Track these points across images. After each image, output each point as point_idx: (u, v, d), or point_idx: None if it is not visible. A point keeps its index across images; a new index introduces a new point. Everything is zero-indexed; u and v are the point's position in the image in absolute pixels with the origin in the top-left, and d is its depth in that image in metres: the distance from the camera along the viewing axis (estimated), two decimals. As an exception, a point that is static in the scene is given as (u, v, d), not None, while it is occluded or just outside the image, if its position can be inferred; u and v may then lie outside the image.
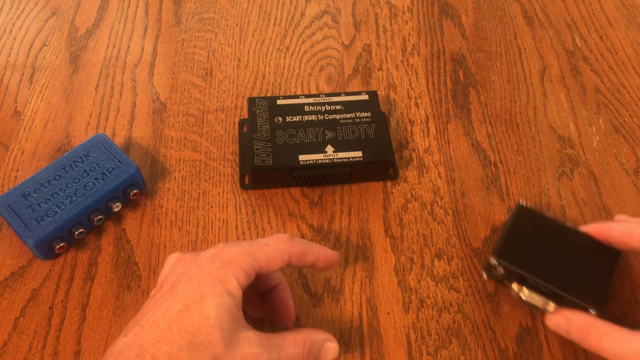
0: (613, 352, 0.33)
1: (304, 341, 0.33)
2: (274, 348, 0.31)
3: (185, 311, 0.30)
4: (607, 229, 0.38)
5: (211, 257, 0.32)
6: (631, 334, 0.33)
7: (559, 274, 0.36)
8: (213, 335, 0.29)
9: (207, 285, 0.31)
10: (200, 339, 0.29)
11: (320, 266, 0.36)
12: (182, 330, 0.29)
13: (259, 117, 0.45)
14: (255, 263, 0.33)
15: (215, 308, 0.30)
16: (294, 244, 0.35)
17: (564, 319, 0.36)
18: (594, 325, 0.34)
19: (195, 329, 0.30)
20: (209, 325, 0.30)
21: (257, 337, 0.31)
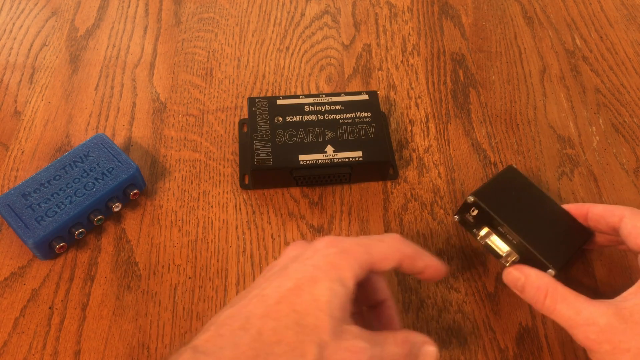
0: (567, 317, 0.33)
1: (404, 341, 0.31)
2: (377, 344, 0.30)
3: (296, 290, 0.29)
4: (587, 207, 0.38)
5: (327, 244, 0.31)
6: (588, 301, 0.32)
7: (529, 230, 0.37)
8: (321, 320, 0.28)
9: (322, 269, 0.30)
10: (307, 321, 0.28)
11: (428, 275, 0.34)
12: (290, 309, 0.28)
13: (259, 117, 0.45)
14: (370, 257, 0.31)
15: (327, 292, 0.29)
16: (407, 245, 0.33)
17: (523, 275, 0.35)
18: (552, 286, 0.34)
19: (303, 310, 0.28)
20: (318, 309, 0.28)
21: (362, 332, 0.30)
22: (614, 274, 0.41)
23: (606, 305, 0.32)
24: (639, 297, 0.32)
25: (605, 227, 0.37)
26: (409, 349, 0.31)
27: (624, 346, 0.31)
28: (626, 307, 0.32)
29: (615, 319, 0.31)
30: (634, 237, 0.35)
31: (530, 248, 0.36)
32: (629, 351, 0.31)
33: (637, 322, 0.31)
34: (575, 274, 0.41)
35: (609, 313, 0.31)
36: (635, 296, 0.32)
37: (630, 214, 0.35)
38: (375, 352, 0.29)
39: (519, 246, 0.37)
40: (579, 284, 0.41)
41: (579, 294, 0.33)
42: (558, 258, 0.36)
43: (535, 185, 0.40)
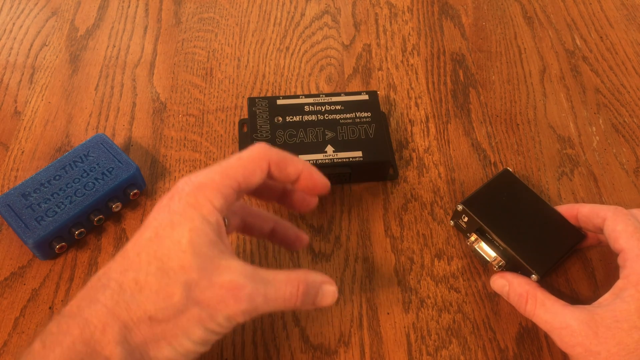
0: (545, 321, 0.34)
1: (299, 280, 0.30)
2: (261, 281, 0.28)
3: (155, 239, 0.28)
4: (576, 208, 0.39)
5: (181, 185, 0.30)
6: (565, 306, 0.34)
7: (516, 235, 0.38)
8: (185, 260, 0.27)
9: (178, 212, 0.29)
10: (170, 265, 0.27)
11: (305, 185, 0.33)
12: (150, 257, 0.28)
13: (259, 117, 0.45)
14: (231, 180, 0.30)
15: (188, 234, 0.28)
16: (271, 150, 0.32)
17: (507, 282, 0.37)
18: (532, 293, 0.36)
19: (165, 255, 0.28)
20: (181, 250, 0.28)
21: (242, 267, 0.28)
22: (614, 274, 0.41)
23: (580, 310, 0.33)
24: (612, 304, 0.33)
25: (593, 227, 0.38)
26: (305, 289, 0.30)
27: (595, 349, 0.32)
28: (599, 312, 0.33)
29: (587, 324, 0.32)
30: (613, 239, 0.35)
31: (514, 255, 0.38)
32: (599, 354, 0.32)
33: (608, 327, 0.32)
34: (575, 274, 0.41)
35: (582, 318, 0.33)
36: (609, 302, 0.33)
37: (612, 215, 0.36)
38: (258, 289, 0.28)
39: (506, 252, 0.38)
40: (578, 284, 0.41)
41: (557, 299, 0.35)
42: (543, 263, 0.37)
43: (529, 189, 0.41)
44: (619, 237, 0.35)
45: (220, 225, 0.29)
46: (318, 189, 0.34)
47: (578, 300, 0.40)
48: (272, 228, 0.36)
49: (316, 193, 0.34)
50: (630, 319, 0.32)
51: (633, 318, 0.32)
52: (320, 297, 0.31)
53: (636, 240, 0.34)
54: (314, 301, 0.31)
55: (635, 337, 0.31)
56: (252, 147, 0.32)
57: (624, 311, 0.32)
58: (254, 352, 0.38)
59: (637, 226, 0.35)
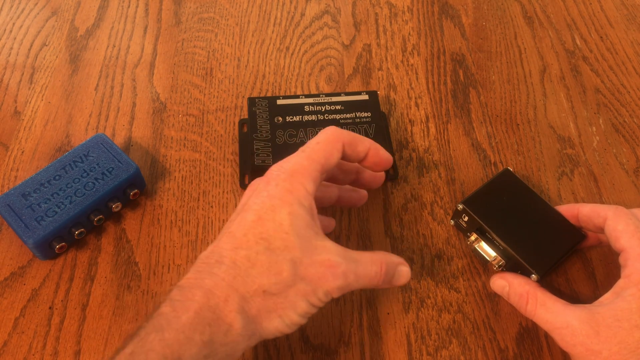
0: (545, 320, 0.35)
1: (381, 261, 0.33)
2: (352, 260, 0.31)
3: (259, 221, 0.31)
4: (577, 207, 0.39)
5: (275, 172, 0.33)
6: (565, 306, 0.34)
7: (516, 235, 0.38)
8: (289, 241, 0.30)
9: (277, 197, 0.31)
10: (276, 244, 0.30)
11: (373, 161, 0.36)
12: (257, 237, 0.30)
13: (259, 117, 0.45)
14: (317, 164, 0.33)
15: (288, 217, 0.31)
16: (343, 132, 0.35)
17: (507, 283, 0.38)
18: (533, 293, 0.36)
19: (270, 236, 0.30)
20: (283, 232, 0.30)
21: (335, 247, 0.31)
22: (614, 274, 0.41)
23: (581, 310, 0.33)
24: (613, 303, 0.33)
25: (594, 227, 0.38)
26: (386, 268, 0.33)
27: (596, 348, 0.32)
28: (600, 312, 0.33)
29: (588, 323, 0.33)
30: (614, 238, 0.35)
31: (514, 254, 0.38)
32: (600, 353, 0.32)
33: (609, 326, 0.32)
34: (575, 274, 0.41)
35: (583, 317, 0.33)
36: (610, 301, 0.33)
37: (613, 215, 0.36)
38: (350, 267, 0.31)
39: (506, 252, 0.38)
40: (578, 284, 0.41)
41: (557, 299, 0.35)
42: (543, 263, 0.37)
43: (530, 189, 0.41)
44: (620, 237, 0.35)
45: (313, 208, 0.32)
46: (383, 163, 0.37)
47: (578, 300, 0.40)
48: (338, 194, 0.39)
49: (382, 168, 0.37)
50: (631, 318, 0.32)
51: (634, 317, 0.32)
52: (397, 276, 0.34)
53: (637, 240, 0.34)
54: (392, 280, 0.34)
55: (636, 336, 0.31)
56: (325, 131, 0.35)
57: (625, 310, 0.32)
58: (254, 352, 0.38)
59: (638, 226, 0.35)
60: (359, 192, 0.40)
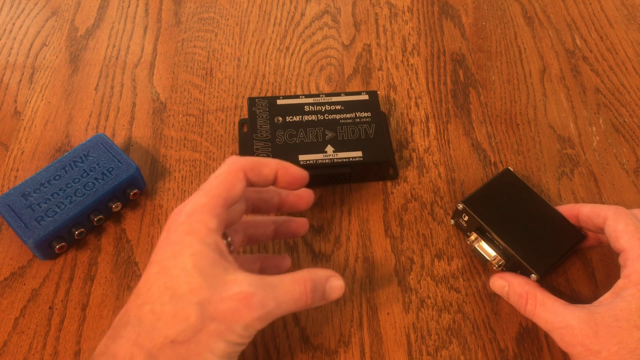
0: (545, 320, 0.35)
1: (305, 279, 0.31)
2: (268, 286, 0.30)
3: (162, 271, 0.30)
4: (577, 207, 0.39)
5: (174, 217, 0.31)
6: (565, 306, 0.34)
7: (516, 235, 0.38)
8: (193, 283, 0.29)
9: (177, 242, 0.30)
10: (181, 290, 0.29)
11: (285, 181, 0.34)
12: (162, 288, 0.29)
13: (259, 117, 0.45)
14: (217, 199, 0.31)
15: (191, 259, 0.29)
16: (243, 159, 0.33)
17: (507, 283, 0.38)
18: (532, 293, 0.36)
19: (174, 283, 0.29)
20: (187, 275, 0.29)
21: (248, 277, 0.30)
22: (614, 274, 0.41)
23: (581, 310, 0.33)
24: (612, 303, 0.33)
25: (594, 227, 0.38)
26: (312, 286, 0.31)
27: (595, 348, 0.32)
28: (599, 311, 0.33)
29: (588, 323, 0.33)
30: (614, 238, 0.35)
31: (514, 254, 0.38)
32: (599, 353, 0.32)
33: (608, 326, 0.32)
34: (575, 274, 0.41)
35: (582, 317, 0.33)
36: (610, 301, 0.33)
37: (613, 215, 0.36)
38: (267, 294, 0.29)
39: (506, 252, 0.38)
40: (578, 284, 0.41)
41: (557, 298, 0.35)
42: (542, 263, 0.37)
43: (530, 189, 0.41)
44: (620, 237, 0.35)
45: (219, 244, 0.31)
46: (298, 181, 0.35)
47: (578, 300, 0.40)
48: (274, 229, 0.38)
49: (298, 185, 0.35)
50: (630, 318, 0.32)
51: (634, 317, 0.32)
52: (328, 291, 0.32)
53: (637, 240, 0.34)
54: (323, 296, 0.32)
55: (635, 337, 0.31)
56: (224, 163, 0.33)
57: (625, 310, 0.32)
58: (254, 352, 0.38)
59: (638, 226, 0.35)
60: (297, 220, 0.38)
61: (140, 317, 0.29)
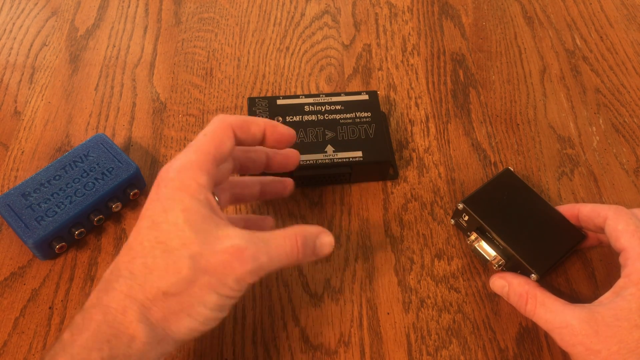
0: (545, 320, 0.35)
1: (295, 234, 0.31)
2: (260, 241, 0.30)
3: (153, 226, 0.30)
4: (577, 207, 0.39)
5: (163, 173, 0.31)
6: (565, 305, 0.34)
7: (516, 235, 0.38)
8: (185, 238, 0.29)
9: (167, 198, 0.30)
10: (173, 244, 0.29)
11: (274, 139, 0.35)
12: (153, 242, 0.29)
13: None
14: (207, 155, 0.31)
15: (182, 214, 0.29)
16: (231, 117, 0.33)
17: (507, 283, 0.38)
18: (532, 293, 0.36)
19: (166, 237, 0.29)
20: (179, 230, 0.29)
21: (240, 232, 0.30)
22: (614, 274, 0.41)
23: (581, 309, 0.33)
24: (613, 302, 0.33)
25: (594, 227, 0.38)
26: (303, 240, 0.32)
27: (595, 348, 0.32)
28: (599, 311, 0.33)
29: (588, 323, 0.33)
30: (614, 238, 0.35)
31: (514, 254, 0.38)
32: (600, 353, 0.32)
33: (608, 325, 0.32)
34: (575, 274, 0.41)
35: (582, 316, 0.33)
36: (610, 301, 0.33)
37: (614, 215, 0.36)
38: (260, 248, 0.30)
39: (506, 251, 0.38)
40: (578, 284, 0.41)
41: (557, 298, 0.35)
42: (542, 263, 0.37)
43: (530, 189, 0.41)
44: (620, 237, 0.35)
45: (210, 200, 0.31)
46: (286, 138, 0.35)
47: (578, 300, 0.40)
48: (259, 189, 0.39)
49: (286, 144, 0.36)
50: (630, 317, 0.32)
51: (634, 317, 0.32)
52: (319, 247, 0.33)
53: (637, 240, 0.34)
54: (314, 252, 0.33)
55: (635, 336, 0.31)
56: (213, 121, 0.33)
57: (625, 309, 0.32)
58: (254, 352, 0.38)
59: (638, 225, 0.35)
60: (283, 181, 0.39)
61: (132, 270, 0.29)
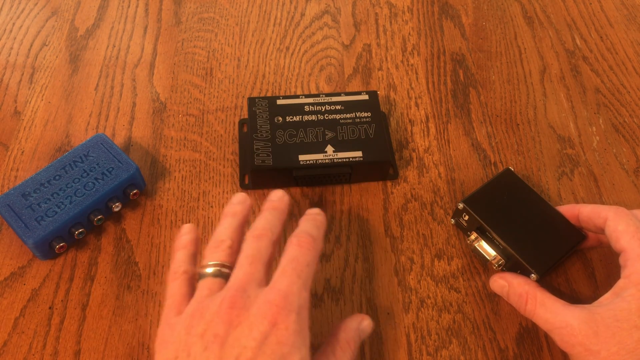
0: (545, 320, 0.35)
1: (348, 342, 0.33)
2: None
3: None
4: (577, 208, 0.39)
5: (280, 307, 0.29)
6: (565, 306, 0.34)
7: (516, 235, 0.38)
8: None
9: (287, 344, 0.28)
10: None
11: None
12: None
13: (259, 117, 0.45)
14: (310, 278, 0.31)
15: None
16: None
17: (507, 283, 0.38)
18: (532, 293, 0.36)
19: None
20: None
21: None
22: (614, 274, 0.41)
23: (580, 310, 0.33)
24: (612, 303, 0.33)
25: (594, 227, 0.38)
26: (354, 340, 0.33)
27: (595, 348, 0.32)
28: (599, 312, 0.33)
29: (587, 323, 0.33)
30: (614, 239, 0.35)
31: (514, 254, 0.38)
32: (599, 353, 0.32)
33: (608, 326, 0.32)
34: (575, 274, 0.41)
35: (582, 317, 0.33)
36: (610, 301, 0.33)
37: (614, 215, 0.36)
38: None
39: (505, 251, 0.38)
40: (578, 284, 0.41)
41: (557, 298, 0.35)
42: (542, 263, 0.37)
43: (531, 189, 0.41)
44: (621, 237, 0.35)
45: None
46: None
47: (578, 300, 0.40)
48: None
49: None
50: (630, 318, 0.32)
51: (633, 317, 0.32)
52: (362, 334, 0.34)
53: (637, 240, 0.34)
54: (361, 339, 0.34)
55: (635, 337, 0.31)
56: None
57: (625, 310, 0.32)
58: (254, 352, 0.38)
59: (638, 226, 0.35)
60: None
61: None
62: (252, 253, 0.32)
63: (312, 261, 0.32)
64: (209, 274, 0.32)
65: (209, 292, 0.31)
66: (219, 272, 0.32)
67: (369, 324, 0.35)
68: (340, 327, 0.33)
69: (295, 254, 0.31)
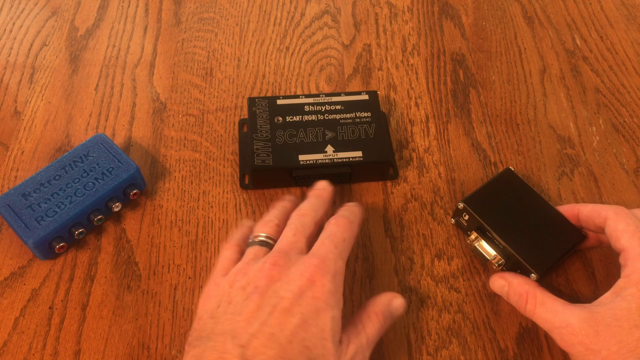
0: (545, 319, 0.35)
1: (376, 314, 0.34)
2: (363, 335, 0.32)
3: (304, 325, 0.30)
4: (577, 207, 0.39)
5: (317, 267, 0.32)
6: (565, 305, 0.34)
7: (516, 234, 0.38)
8: (327, 349, 0.30)
9: (322, 299, 0.31)
10: (316, 353, 0.30)
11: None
12: (301, 346, 0.30)
13: (259, 117, 0.45)
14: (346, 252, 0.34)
15: (330, 322, 0.31)
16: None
17: (506, 283, 0.38)
18: (532, 293, 0.36)
19: (312, 344, 0.30)
20: (324, 339, 0.30)
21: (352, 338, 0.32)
22: (614, 274, 0.41)
23: (581, 309, 0.33)
24: (612, 302, 0.33)
25: (594, 227, 0.38)
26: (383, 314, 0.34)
27: (595, 348, 0.32)
28: (599, 311, 0.33)
29: (588, 322, 0.33)
30: (614, 238, 0.35)
31: (514, 253, 0.38)
32: (599, 353, 0.32)
33: (608, 325, 0.32)
34: (575, 274, 0.41)
35: (582, 316, 0.33)
36: (610, 301, 0.34)
37: (614, 215, 0.36)
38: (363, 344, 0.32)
39: (505, 251, 0.38)
40: (578, 284, 0.41)
41: (557, 298, 0.35)
42: (542, 263, 0.37)
43: (531, 188, 0.41)
44: (621, 237, 0.35)
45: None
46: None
47: (578, 300, 0.40)
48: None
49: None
50: (630, 317, 0.32)
51: (633, 317, 0.32)
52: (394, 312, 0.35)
53: (637, 240, 0.34)
54: (392, 317, 0.35)
55: (635, 336, 0.31)
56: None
57: (625, 310, 0.32)
58: (254, 352, 0.38)
59: (638, 226, 0.35)
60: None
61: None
62: (295, 226, 0.35)
63: (348, 238, 0.35)
64: (256, 242, 0.35)
65: (255, 257, 0.34)
66: (265, 242, 0.35)
67: (401, 303, 0.35)
68: (370, 301, 0.35)
69: (333, 230, 0.35)
